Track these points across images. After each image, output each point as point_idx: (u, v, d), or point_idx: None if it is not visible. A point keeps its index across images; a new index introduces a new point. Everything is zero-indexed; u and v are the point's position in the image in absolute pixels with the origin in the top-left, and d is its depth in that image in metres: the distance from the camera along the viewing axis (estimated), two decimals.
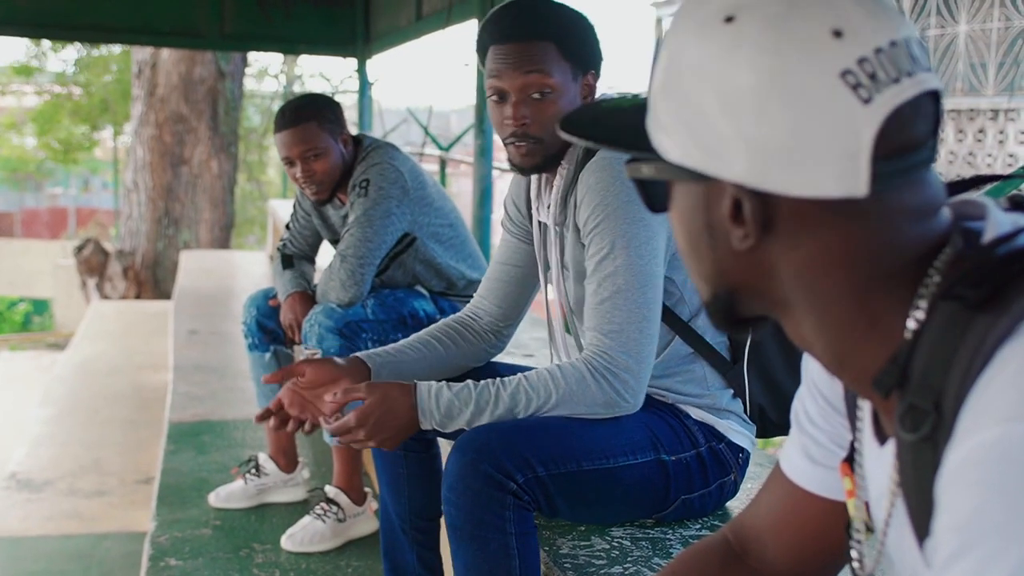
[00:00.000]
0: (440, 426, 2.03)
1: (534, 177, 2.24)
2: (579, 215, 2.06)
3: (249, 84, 18.47)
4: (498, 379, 2.05)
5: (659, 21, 13.59)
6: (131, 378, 7.27)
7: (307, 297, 3.43)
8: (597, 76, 2.16)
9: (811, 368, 1.16)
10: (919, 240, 0.91)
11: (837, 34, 0.88)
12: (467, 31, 5.62)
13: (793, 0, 0.89)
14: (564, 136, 1.08)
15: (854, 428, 1.07)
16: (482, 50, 2.15)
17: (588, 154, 2.10)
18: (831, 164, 0.87)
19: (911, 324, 0.90)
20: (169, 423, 4.74)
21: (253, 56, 15.48)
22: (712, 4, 0.93)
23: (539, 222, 2.27)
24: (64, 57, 20.59)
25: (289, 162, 3.35)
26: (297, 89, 21.66)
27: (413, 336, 2.34)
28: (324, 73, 22.05)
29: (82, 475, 5.43)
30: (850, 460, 1.06)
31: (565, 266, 2.21)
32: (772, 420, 2.26)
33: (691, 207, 0.98)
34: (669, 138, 0.96)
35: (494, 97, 2.12)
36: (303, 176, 3.33)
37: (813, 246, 0.92)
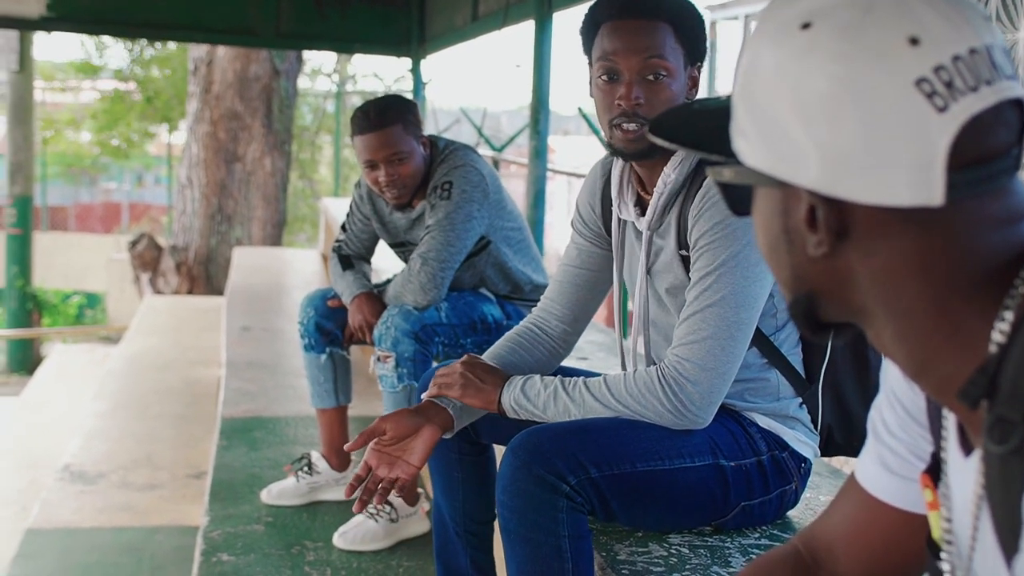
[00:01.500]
0: (516, 403, 2.07)
1: (615, 174, 2.18)
2: (694, 227, 2.01)
3: (302, 82, 18.55)
4: (583, 377, 2.07)
5: (713, 25, 13.56)
6: (183, 373, 7.32)
7: (374, 298, 3.41)
8: (700, 71, 2.09)
9: (891, 377, 1.14)
10: (1002, 248, 0.90)
11: (914, 41, 0.87)
12: (520, 32, 5.61)
13: (870, 7, 0.89)
14: (653, 140, 1.08)
15: (937, 439, 1.05)
16: (591, 29, 2.08)
17: (702, 166, 2.03)
18: (904, 172, 0.86)
19: (997, 335, 0.88)
20: (221, 419, 4.76)
21: (307, 54, 15.54)
22: (790, 10, 0.93)
23: (620, 220, 2.22)
24: (123, 54, 20.75)
25: (372, 165, 3.31)
26: (350, 88, 21.76)
27: (492, 352, 2.31)
28: (377, 72, 22.10)
29: (134, 468, 5.48)
30: (931, 471, 1.04)
31: (650, 273, 2.17)
32: (837, 440, 2.23)
33: (770, 212, 0.98)
34: (747, 142, 0.96)
35: (604, 77, 2.04)
36: (387, 180, 3.30)
37: (888, 254, 0.91)
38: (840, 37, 0.89)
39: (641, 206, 2.17)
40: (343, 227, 3.68)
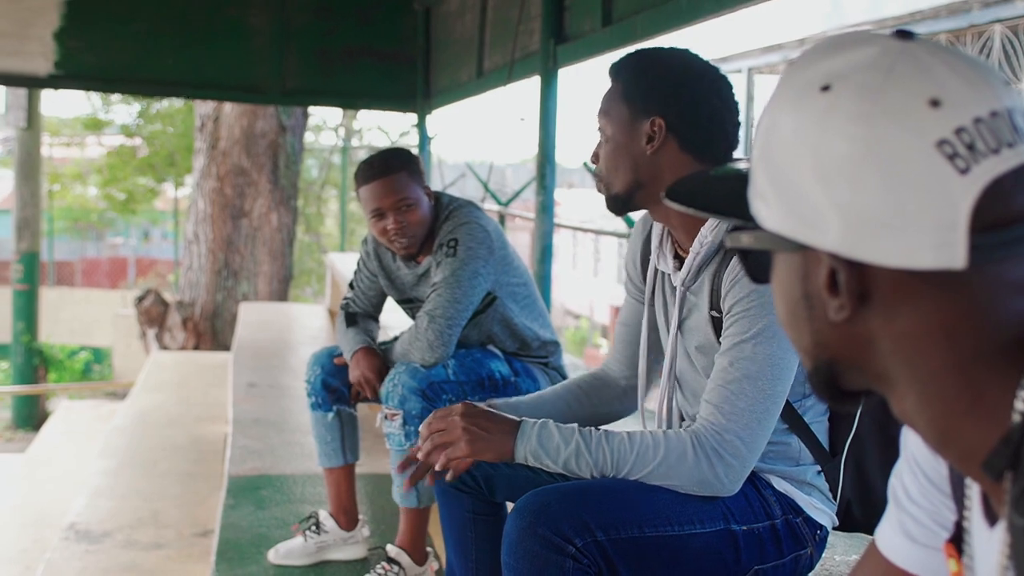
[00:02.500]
0: (533, 454, 2.00)
1: (657, 226, 2.22)
2: (729, 293, 2.01)
3: (308, 137, 18.67)
4: (603, 430, 2.02)
5: None
6: (190, 430, 7.29)
7: (373, 353, 3.40)
8: (668, 122, 2.06)
9: (911, 444, 1.13)
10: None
11: (935, 103, 0.86)
12: (524, 85, 5.64)
13: (890, 69, 0.88)
14: (669, 204, 1.08)
15: (960, 508, 1.03)
16: None
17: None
18: (926, 235, 0.85)
19: (1020, 404, 0.86)
20: (228, 477, 4.73)
21: (312, 109, 15.64)
22: (809, 72, 0.93)
23: (656, 270, 2.25)
24: (130, 110, 20.90)
25: (379, 214, 3.30)
26: (356, 143, 21.88)
27: (558, 385, 2.40)
28: (382, 127, 22.26)
29: (140, 527, 5.43)
30: (955, 540, 1.02)
31: (681, 329, 2.17)
32: (855, 516, 2.20)
33: (789, 277, 0.97)
34: (766, 206, 0.96)
35: None
36: (395, 228, 3.29)
37: (911, 318, 0.89)
38: (861, 98, 0.88)
39: (680, 260, 2.18)
40: (351, 285, 3.67)
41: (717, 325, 2.06)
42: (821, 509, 2.13)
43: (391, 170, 3.28)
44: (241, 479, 4.69)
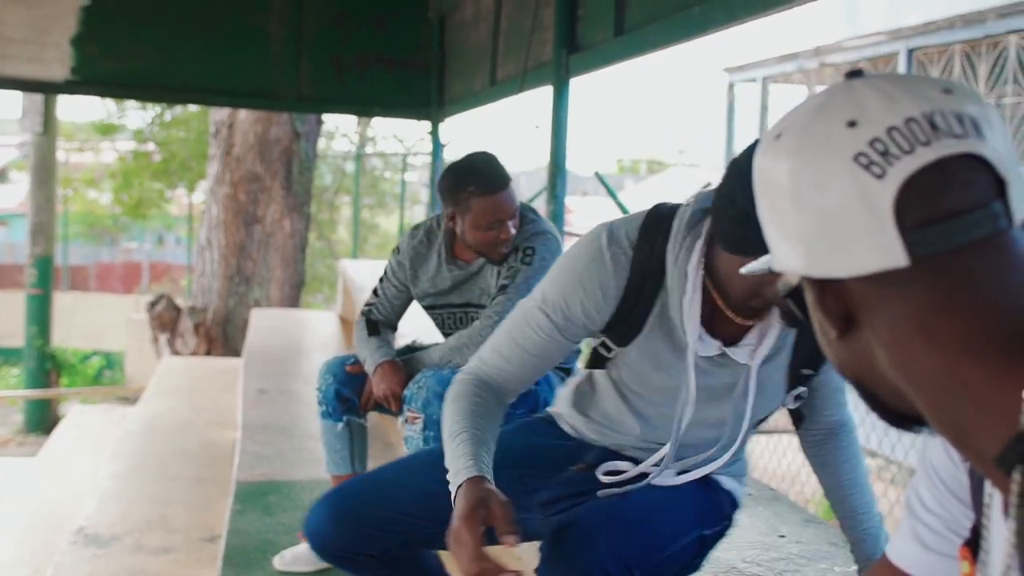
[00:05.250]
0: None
1: None
2: None
3: (321, 144, 18.69)
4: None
5: (731, 87, 13.59)
6: (200, 435, 7.30)
7: (399, 366, 3.38)
8: None
9: (931, 454, 1.16)
10: (1012, 306, 0.89)
11: (851, 124, 0.94)
12: (539, 93, 5.66)
13: (823, 106, 0.98)
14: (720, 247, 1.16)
15: (979, 510, 1.05)
16: None
17: None
18: (863, 241, 0.92)
19: None
20: (236, 483, 4.74)
21: (326, 116, 15.66)
22: (772, 129, 1.03)
23: None
24: (144, 116, 20.95)
25: (500, 224, 3.27)
26: (369, 150, 21.91)
27: (496, 408, 2.22)
28: (397, 134, 22.29)
29: (149, 532, 5.43)
30: (971, 544, 1.05)
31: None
32: None
33: (809, 306, 1.04)
34: (771, 247, 1.06)
35: None
36: (509, 236, 3.29)
37: (889, 324, 0.94)
38: (796, 135, 0.98)
39: None
40: (375, 291, 3.64)
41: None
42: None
43: (508, 181, 3.30)
44: (249, 485, 4.70)
